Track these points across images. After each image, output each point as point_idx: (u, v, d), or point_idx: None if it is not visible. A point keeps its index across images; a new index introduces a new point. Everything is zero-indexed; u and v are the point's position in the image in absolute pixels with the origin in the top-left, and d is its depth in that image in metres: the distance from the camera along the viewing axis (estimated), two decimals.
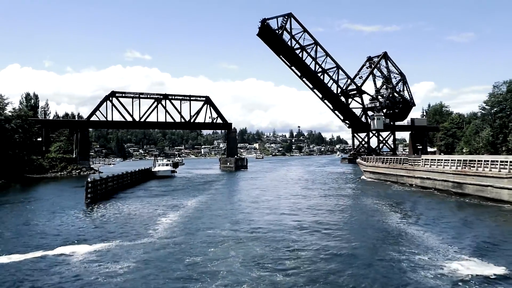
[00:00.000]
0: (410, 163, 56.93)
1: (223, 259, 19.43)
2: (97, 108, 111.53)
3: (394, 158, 65.97)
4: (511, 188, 34.84)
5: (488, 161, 40.08)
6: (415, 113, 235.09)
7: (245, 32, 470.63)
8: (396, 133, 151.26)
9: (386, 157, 73.11)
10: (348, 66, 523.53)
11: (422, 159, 54.38)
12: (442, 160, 49.49)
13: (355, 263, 18.69)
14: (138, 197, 47.07)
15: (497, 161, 38.56)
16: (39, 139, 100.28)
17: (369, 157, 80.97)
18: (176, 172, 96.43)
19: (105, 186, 47.00)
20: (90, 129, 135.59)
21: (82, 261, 19.55)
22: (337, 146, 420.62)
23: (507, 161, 36.78)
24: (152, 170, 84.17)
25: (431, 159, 52.21)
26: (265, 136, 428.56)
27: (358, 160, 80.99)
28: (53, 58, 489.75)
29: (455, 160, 46.27)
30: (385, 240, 23.13)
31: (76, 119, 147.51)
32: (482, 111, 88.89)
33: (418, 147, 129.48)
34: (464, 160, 44.46)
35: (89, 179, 42.28)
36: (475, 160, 42.41)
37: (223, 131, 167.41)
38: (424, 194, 44.69)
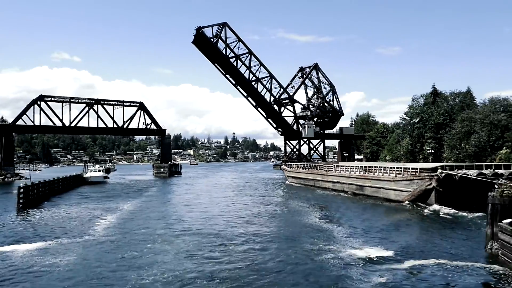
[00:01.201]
0: (325, 169, 64.42)
1: (158, 253, 21.87)
2: (23, 112, 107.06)
3: (312, 165, 73.63)
4: (396, 189, 42.98)
5: (381, 167, 48.15)
6: (345, 122, 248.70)
7: (180, 37, 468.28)
8: (327, 141, 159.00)
9: (305, 163, 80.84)
10: (282, 74, 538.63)
11: (334, 166, 62.15)
12: (348, 166, 57.48)
13: (273, 254, 21.96)
14: (73, 201, 47.58)
15: (387, 167, 47.08)
16: None
17: (292, 163, 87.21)
18: (108, 178, 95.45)
19: (37, 192, 46.81)
20: (13, 134, 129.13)
21: (23, 256, 21.03)
22: (271, 153, 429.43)
23: (393, 167, 45.53)
24: (84, 176, 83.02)
25: (341, 166, 60.06)
26: (199, 143, 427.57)
27: (283, 166, 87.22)
28: None
29: (358, 166, 54.43)
30: (301, 233, 26.94)
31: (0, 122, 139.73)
32: (403, 122, 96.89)
33: (345, 154, 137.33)
34: (365, 167, 52.42)
35: (21, 184, 42.23)
36: (372, 167, 50.43)
37: (156, 137, 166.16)
38: (334, 196, 52.11)
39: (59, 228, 28.92)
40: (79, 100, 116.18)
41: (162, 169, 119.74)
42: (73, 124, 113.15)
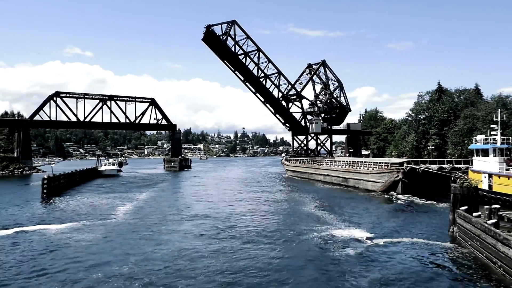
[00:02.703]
0: (317, 164, 72.55)
1: (170, 233, 25.40)
2: (40, 108, 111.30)
3: (307, 160, 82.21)
4: (372, 181, 50.37)
5: (362, 162, 56.36)
6: (354, 117, 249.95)
7: (191, 32, 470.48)
8: (335, 136, 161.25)
9: (302, 158, 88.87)
10: (291, 69, 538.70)
11: (325, 161, 70.28)
12: (336, 161, 65.65)
13: (274, 233, 25.33)
14: (91, 192, 51.50)
15: (366, 162, 55.50)
16: None
17: (291, 158, 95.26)
18: (121, 171, 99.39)
19: (58, 183, 50.64)
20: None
21: (55, 233, 24.72)
22: (281, 148, 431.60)
23: (371, 162, 53.72)
24: (99, 169, 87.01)
25: (330, 160, 68.35)
26: (209, 137, 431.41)
27: (283, 161, 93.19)
28: None
29: (344, 161, 62.47)
30: (297, 219, 30.49)
31: (16, 118, 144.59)
32: (409, 118, 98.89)
33: (350, 150, 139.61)
34: (349, 161, 60.69)
35: (45, 176, 46.05)
36: (355, 162, 58.18)
37: (167, 132, 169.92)
38: (324, 187, 59.14)
39: (83, 213, 32.64)
40: (93, 96, 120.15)
41: (172, 163, 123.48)
42: (87, 120, 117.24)
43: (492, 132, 31.79)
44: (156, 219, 30.01)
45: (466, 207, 20.29)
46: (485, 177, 29.73)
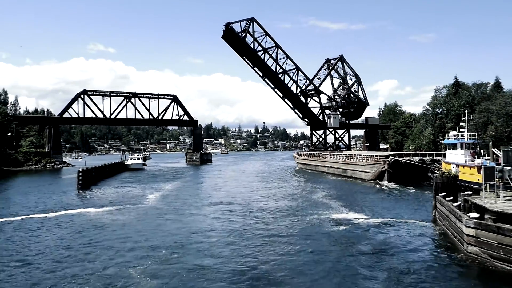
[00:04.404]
0: (323, 157, 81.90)
1: (194, 215, 29.21)
2: (69, 105, 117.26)
3: (314, 153, 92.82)
4: (365, 171, 57.70)
5: (358, 155, 65.49)
6: (374, 111, 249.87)
7: (211, 27, 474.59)
8: (354, 130, 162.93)
9: (311, 152, 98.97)
10: (312, 63, 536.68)
11: (329, 154, 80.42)
12: (338, 154, 75.54)
13: (287, 214, 28.96)
14: (121, 183, 56.41)
15: (361, 155, 64.10)
16: (8, 134, 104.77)
17: (301, 152, 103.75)
18: (146, 165, 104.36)
19: (91, 175, 55.26)
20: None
21: (95, 215, 28.94)
22: (301, 142, 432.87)
23: (365, 155, 61.74)
24: (125, 163, 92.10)
25: (333, 154, 78.67)
26: (230, 132, 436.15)
27: (294, 154, 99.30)
28: (10, 50, 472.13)
29: (344, 154, 72.13)
30: (303, 203, 34.60)
31: (46, 115, 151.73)
32: (426, 112, 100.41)
33: (366, 144, 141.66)
34: (348, 155, 70.12)
35: (80, 169, 50.83)
36: (353, 155, 67.66)
37: (189, 127, 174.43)
38: (328, 177, 65.99)
39: (116, 199, 37.07)
40: (118, 94, 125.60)
41: (194, 158, 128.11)
42: (112, 116, 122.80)
43: (461, 130, 36.84)
44: (181, 205, 34.08)
45: (444, 193, 23.34)
46: (453, 167, 34.12)
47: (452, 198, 22.09)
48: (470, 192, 20.96)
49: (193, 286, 15.20)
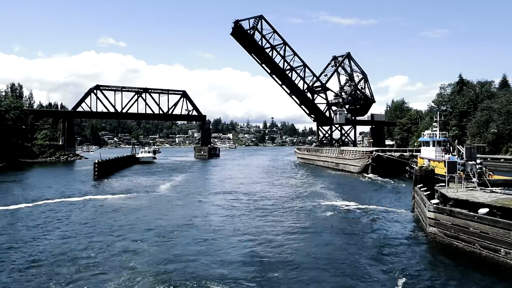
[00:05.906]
0: (319, 152, 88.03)
1: (202, 203, 32.46)
2: (82, 100, 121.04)
3: (312, 148, 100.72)
4: (353, 165, 63.54)
5: (348, 150, 71.97)
6: (381, 108, 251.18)
7: (222, 22, 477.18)
8: (361, 127, 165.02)
9: (310, 147, 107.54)
10: (323, 58, 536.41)
11: (324, 150, 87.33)
12: (331, 150, 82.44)
13: (285, 202, 31.87)
14: (134, 174, 60.26)
15: (352, 150, 70.37)
16: (23, 126, 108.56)
17: (301, 147, 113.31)
18: (156, 158, 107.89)
19: (105, 167, 58.71)
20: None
21: (111, 200, 32.30)
22: (309, 138, 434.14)
23: (354, 151, 67.91)
24: (136, 156, 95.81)
25: (328, 149, 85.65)
26: (239, 127, 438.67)
27: (295, 150, 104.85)
28: (23, 43, 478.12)
29: (337, 150, 78.95)
30: (303, 193, 37.29)
31: (59, 109, 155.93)
32: (431, 109, 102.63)
33: (370, 140, 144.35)
34: (340, 150, 76.57)
35: (96, 160, 54.46)
36: (344, 150, 73.67)
37: (197, 122, 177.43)
38: (323, 170, 71.69)
39: (130, 188, 40.70)
40: (129, 89, 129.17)
41: (202, 152, 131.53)
42: (124, 110, 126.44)
43: (434, 129, 42.35)
44: (190, 194, 37.46)
45: (421, 184, 26.11)
46: (426, 161, 38.68)
47: (426, 188, 24.82)
48: (444, 184, 23.71)
49: (201, 251, 18.30)
